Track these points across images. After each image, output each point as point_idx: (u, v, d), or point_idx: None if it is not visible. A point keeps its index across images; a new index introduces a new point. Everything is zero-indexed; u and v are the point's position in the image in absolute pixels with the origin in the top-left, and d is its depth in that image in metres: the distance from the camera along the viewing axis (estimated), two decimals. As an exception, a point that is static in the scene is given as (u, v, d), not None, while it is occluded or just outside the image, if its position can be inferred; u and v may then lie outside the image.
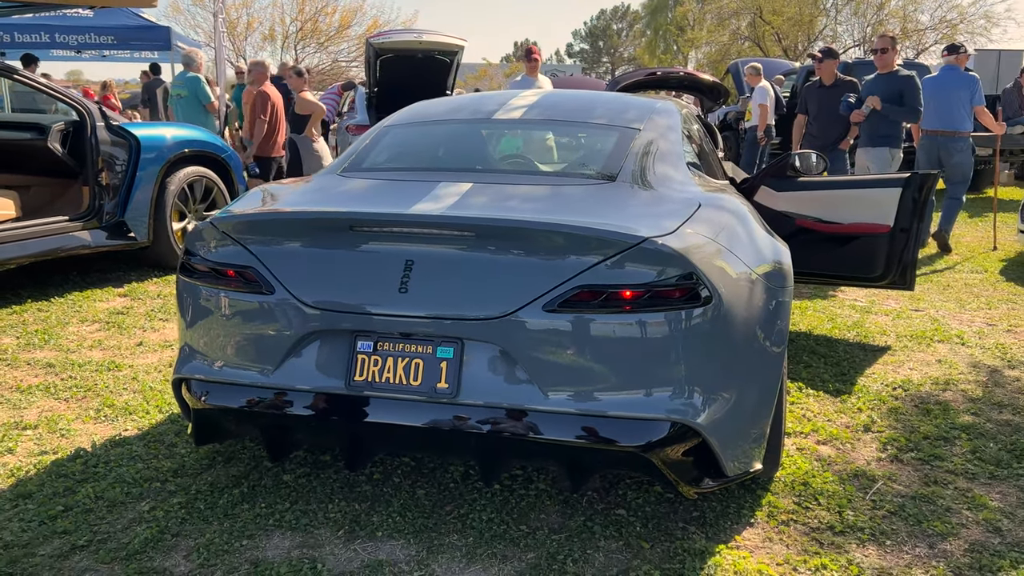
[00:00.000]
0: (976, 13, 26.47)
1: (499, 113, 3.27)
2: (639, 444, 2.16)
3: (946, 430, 3.24)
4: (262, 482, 2.72)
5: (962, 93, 6.79)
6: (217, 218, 2.46)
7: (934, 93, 6.87)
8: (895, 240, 4.18)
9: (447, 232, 2.27)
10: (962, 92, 6.79)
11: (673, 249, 2.15)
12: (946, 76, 6.99)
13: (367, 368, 2.24)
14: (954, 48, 7.28)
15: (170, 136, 5.99)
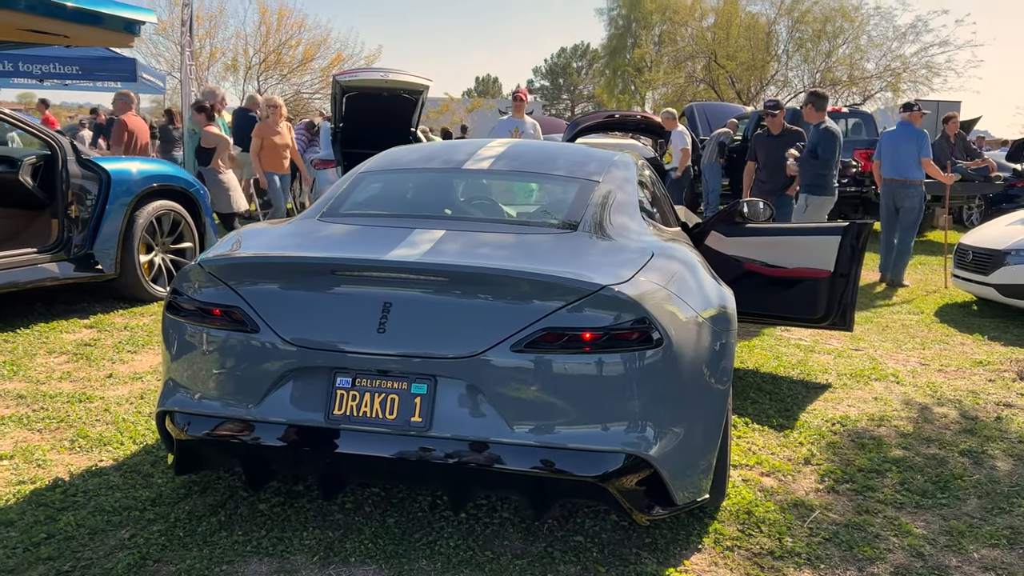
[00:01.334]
0: (918, 63, 27.65)
1: (469, 163, 3.49)
2: (596, 474, 2.36)
3: (879, 463, 3.50)
4: (238, 510, 2.85)
5: (912, 146, 7.64)
6: (205, 260, 2.62)
7: (889, 145, 7.81)
8: (835, 284, 4.48)
9: (422, 277, 2.47)
10: (912, 146, 7.65)
11: (628, 296, 2.37)
12: (900, 131, 7.85)
13: (345, 403, 2.41)
14: (908, 106, 8.08)
15: (139, 170, 6.09)
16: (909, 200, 7.77)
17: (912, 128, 7.84)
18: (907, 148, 7.70)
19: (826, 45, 28.78)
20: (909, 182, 7.73)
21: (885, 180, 7.91)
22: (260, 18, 24.68)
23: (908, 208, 7.78)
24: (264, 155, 8.57)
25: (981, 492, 3.25)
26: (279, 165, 8.61)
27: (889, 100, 28.52)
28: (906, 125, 7.88)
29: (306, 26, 25.44)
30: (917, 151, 7.65)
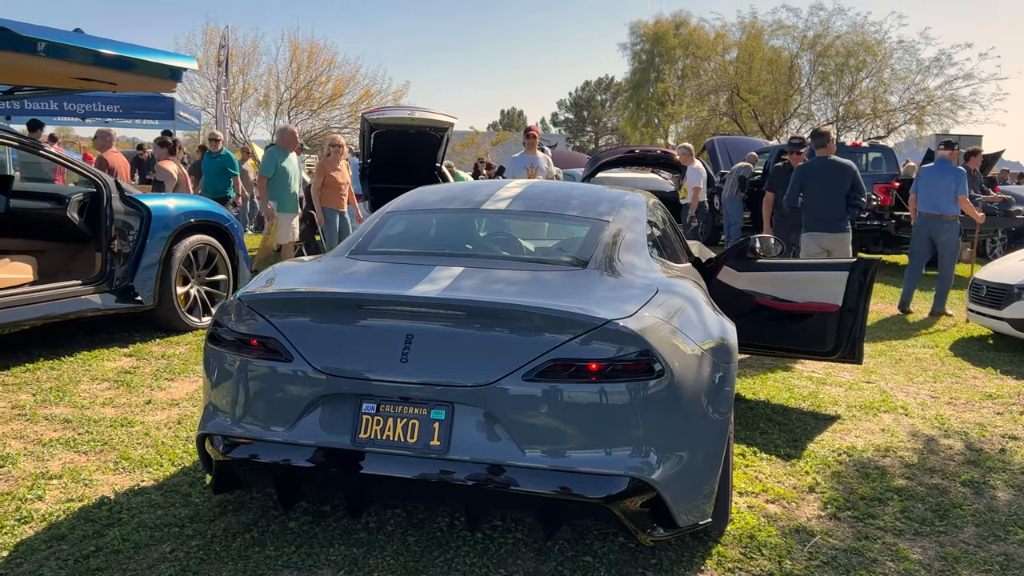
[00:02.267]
0: (942, 96, 27.74)
1: (487, 204, 3.72)
2: (602, 496, 2.54)
3: (881, 492, 3.63)
4: (270, 528, 3.06)
5: (950, 183, 8.00)
6: (244, 295, 2.87)
7: (927, 181, 8.18)
8: (844, 318, 4.63)
9: (442, 311, 2.68)
10: (950, 182, 8.00)
11: (631, 330, 2.57)
12: (938, 167, 8.22)
13: (371, 427, 2.62)
14: (949, 144, 8.42)
15: (177, 206, 6.42)
16: (945, 234, 8.09)
17: (950, 165, 8.18)
18: (944, 184, 8.05)
19: (849, 79, 28.96)
20: (945, 217, 8.06)
21: (921, 214, 8.24)
22: (291, 55, 25.38)
23: (944, 242, 8.14)
24: (324, 192, 8.79)
25: (979, 520, 3.37)
26: (338, 202, 8.79)
27: (913, 132, 28.58)
28: (944, 162, 8.23)
29: (336, 63, 26.14)
30: (954, 187, 7.99)
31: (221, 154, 10.43)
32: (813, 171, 7.11)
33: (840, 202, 6.95)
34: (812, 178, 7.10)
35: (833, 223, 6.97)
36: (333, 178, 8.76)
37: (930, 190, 8.13)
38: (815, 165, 7.14)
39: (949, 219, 8.05)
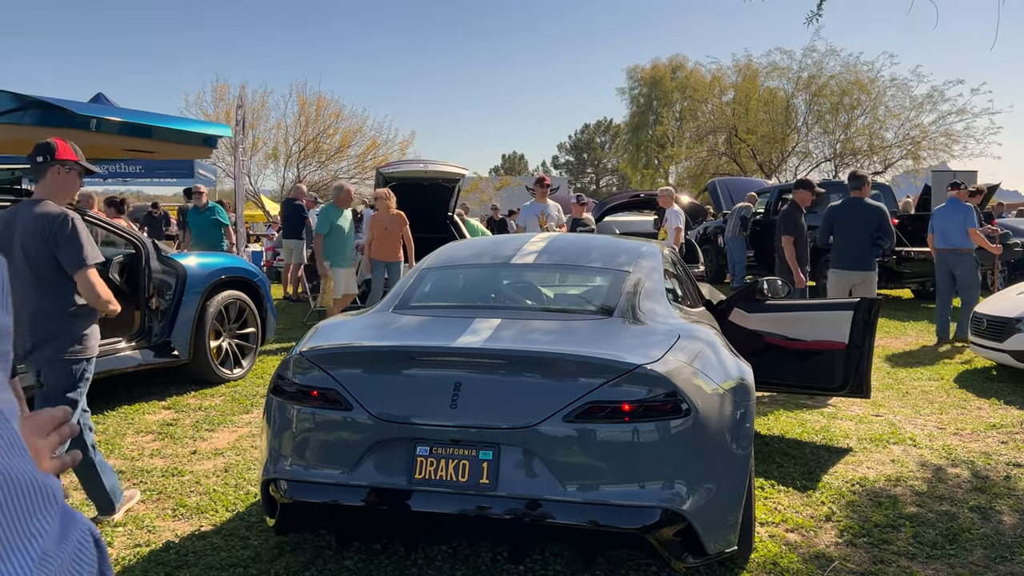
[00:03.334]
0: (937, 131, 28.29)
1: (516, 258, 4.02)
2: (638, 526, 2.78)
3: (894, 519, 3.85)
4: (327, 567, 3.29)
5: (959, 218, 8.75)
6: (305, 351, 3.15)
7: (940, 219, 8.94)
8: (851, 355, 4.89)
9: (487, 360, 2.96)
10: (959, 217, 8.75)
11: (659, 373, 2.84)
12: (949, 206, 8.94)
13: (425, 468, 2.87)
14: (955, 185, 9.11)
15: (211, 263, 6.74)
16: (962, 267, 8.73)
17: (959, 203, 8.89)
18: (955, 220, 8.77)
19: (844, 117, 29.56)
20: (959, 250, 8.73)
21: (939, 250, 8.91)
22: (300, 109, 26.04)
23: (962, 274, 8.75)
24: (375, 244, 8.90)
25: (987, 543, 3.59)
26: (388, 254, 8.90)
27: (910, 167, 29.06)
28: (954, 201, 8.93)
29: (343, 115, 26.79)
30: (964, 222, 8.70)
31: (207, 207, 10.68)
32: (845, 211, 7.39)
33: (867, 242, 7.19)
34: (843, 217, 7.37)
35: (859, 261, 7.22)
36: (383, 231, 8.86)
37: (943, 227, 8.85)
38: (848, 205, 7.40)
39: (964, 252, 8.71)
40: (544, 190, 9.68)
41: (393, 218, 8.91)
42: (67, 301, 3.48)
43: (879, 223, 7.18)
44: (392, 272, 8.92)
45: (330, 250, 8.49)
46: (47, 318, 3.46)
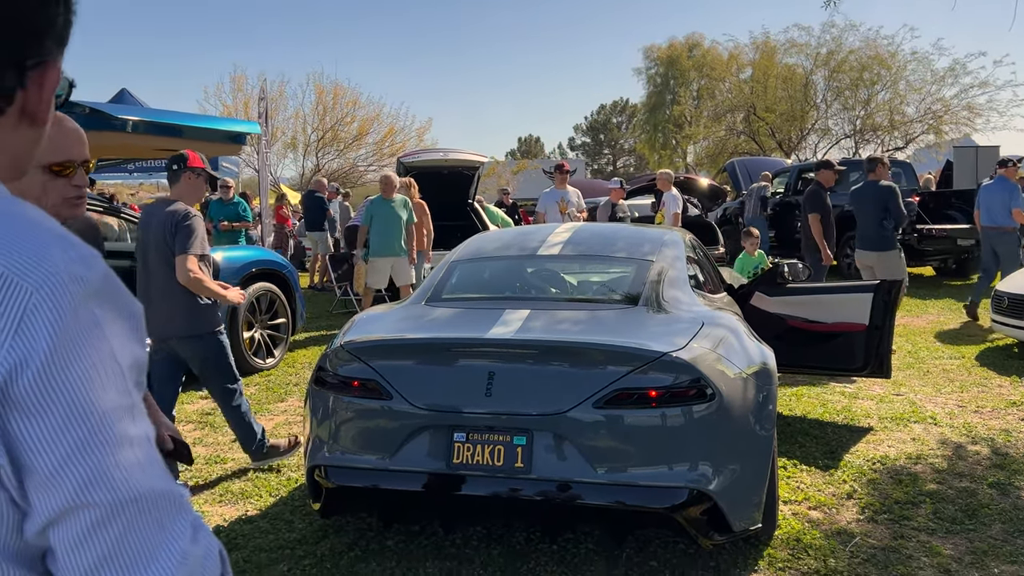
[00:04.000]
0: (959, 105, 27.92)
1: (542, 250, 4.15)
2: (666, 506, 2.92)
3: (914, 496, 3.97)
4: (370, 547, 3.47)
5: (1005, 198, 8.80)
6: (345, 343, 3.31)
7: (985, 197, 9.02)
8: (871, 336, 4.99)
9: (519, 350, 3.10)
10: (1005, 196, 8.80)
11: (685, 360, 2.97)
12: (996, 184, 9.01)
13: (462, 453, 3.03)
14: (1004, 163, 9.13)
15: (242, 257, 6.93)
16: (1004, 245, 8.80)
17: (1006, 182, 8.90)
18: (1000, 198, 8.82)
19: (864, 92, 29.23)
20: (1002, 229, 8.79)
21: (984, 228, 9.00)
22: (317, 98, 26.20)
23: (1003, 252, 8.82)
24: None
25: (1005, 518, 3.70)
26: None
27: (932, 142, 28.74)
28: (1001, 179, 8.96)
29: (360, 103, 26.93)
30: (1009, 201, 8.75)
31: (233, 200, 10.81)
32: (862, 194, 7.64)
33: (879, 223, 7.39)
34: (859, 199, 7.63)
35: (877, 242, 7.44)
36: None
37: (989, 204, 8.92)
38: (863, 188, 7.67)
39: (1007, 231, 8.77)
40: (564, 176, 9.76)
41: (415, 207, 9.04)
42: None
43: (886, 203, 7.34)
44: (419, 259, 9.04)
45: (372, 240, 8.50)
46: (177, 301, 4.01)
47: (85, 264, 0.68)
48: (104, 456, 0.66)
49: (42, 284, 0.63)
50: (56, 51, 0.75)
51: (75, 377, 0.65)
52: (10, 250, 0.64)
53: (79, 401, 0.65)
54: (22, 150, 0.78)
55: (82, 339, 0.65)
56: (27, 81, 0.73)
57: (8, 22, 0.70)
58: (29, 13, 0.71)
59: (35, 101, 0.74)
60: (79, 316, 0.65)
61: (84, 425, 0.65)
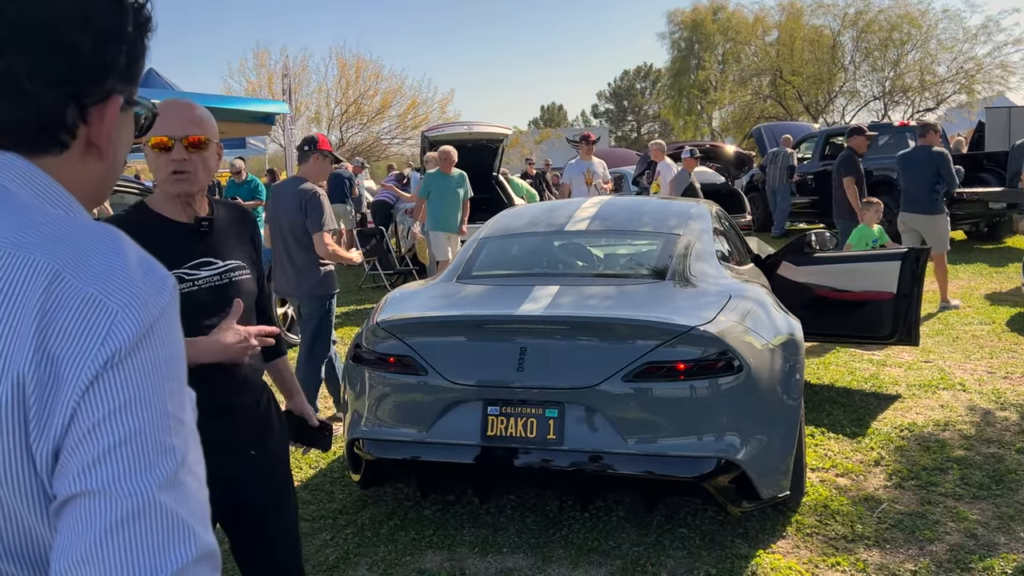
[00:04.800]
0: (992, 63, 27.27)
1: (569, 225, 4.21)
2: (696, 475, 3.01)
3: (941, 462, 4.02)
4: (408, 516, 3.60)
5: None
6: (381, 321, 3.41)
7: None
8: (899, 304, 5.00)
9: (549, 326, 3.18)
10: None
11: (712, 334, 3.03)
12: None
13: (496, 426, 3.13)
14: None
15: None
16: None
17: None
18: None
19: (894, 53, 28.63)
20: None
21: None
22: (339, 72, 26.22)
23: None
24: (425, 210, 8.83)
25: (1033, 483, 3.74)
26: None
27: (963, 101, 28.13)
28: None
29: (382, 76, 26.91)
30: None
31: (246, 181, 10.99)
32: (912, 158, 7.81)
33: (929, 187, 7.63)
34: (908, 163, 7.81)
35: (927, 205, 7.65)
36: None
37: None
38: (914, 152, 7.87)
39: None
40: (589, 147, 9.73)
41: None
42: (316, 255, 4.52)
43: (938, 168, 7.51)
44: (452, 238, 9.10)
45: (430, 214, 8.52)
46: (303, 267, 4.55)
47: (160, 285, 0.74)
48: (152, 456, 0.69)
49: (127, 303, 0.71)
50: (120, 86, 0.80)
51: (150, 383, 0.71)
52: (100, 277, 0.71)
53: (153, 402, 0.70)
54: (92, 183, 0.83)
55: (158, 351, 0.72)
56: (89, 116, 0.78)
57: (63, 64, 0.74)
58: (85, 54, 0.75)
59: (95, 135, 0.79)
60: (155, 331, 0.72)
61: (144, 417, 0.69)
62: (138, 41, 0.81)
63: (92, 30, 0.75)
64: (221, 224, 2.02)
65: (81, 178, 0.81)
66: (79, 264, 0.71)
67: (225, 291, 1.97)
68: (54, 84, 0.74)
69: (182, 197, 1.93)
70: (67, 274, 0.70)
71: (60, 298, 0.70)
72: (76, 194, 0.80)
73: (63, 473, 0.68)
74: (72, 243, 0.73)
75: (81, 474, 0.67)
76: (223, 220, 2.04)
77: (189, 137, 1.87)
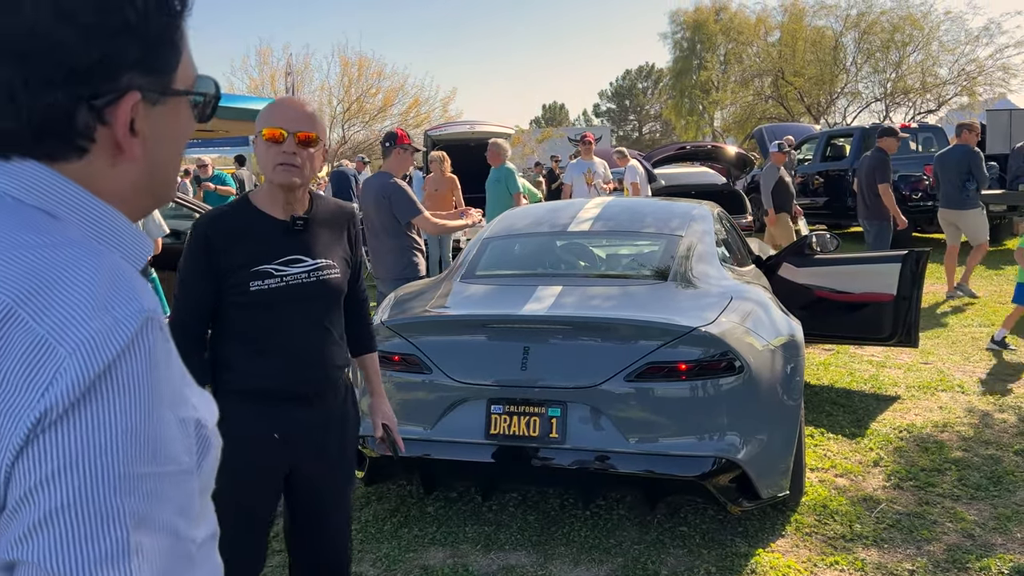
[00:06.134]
0: (993, 65, 27.29)
1: (572, 226, 4.24)
2: (696, 474, 3.04)
3: (939, 463, 4.05)
4: (411, 513, 3.64)
5: None
6: (386, 320, 3.44)
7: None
8: (899, 306, 5.03)
9: (552, 326, 3.22)
10: None
11: (714, 335, 3.07)
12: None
13: (499, 424, 3.17)
14: None
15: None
16: None
17: None
18: None
19: (896, 54, 28.65)
20: None
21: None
22: (342, 70, 26.26)
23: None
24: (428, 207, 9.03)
25: (1030, 485, 3.77)
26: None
27: (964, 103, 28.15)
28: None
29: (384, 74, 26.94)
30: None
31: (213, 175, 11.16)
32: (948, 157, 8.32)
33: (961, 184, 8.17)
34: (946, 162, 8.31)
35: (959, 201, 8.22)
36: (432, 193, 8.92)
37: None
38: (951, 152, 8.39)
39: None
40: (589, 147, 9.76)
41: (445, 181, 9.12)
42: (402, 241, 4.78)
43: (970, 166, 8.09)
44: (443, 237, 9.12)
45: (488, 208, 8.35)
46: (390, 253, 4.81)
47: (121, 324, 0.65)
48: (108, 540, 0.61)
49: (76, 348, 0.63)
50: (138, 79, 0.73)
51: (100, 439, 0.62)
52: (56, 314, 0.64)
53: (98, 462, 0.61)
54: (128, 185, 0.77)
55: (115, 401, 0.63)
56: (106, 117, 0.72)
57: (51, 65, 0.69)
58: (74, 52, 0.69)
59: (120, 135, 0.73)
60: (112, 377, 0.63)
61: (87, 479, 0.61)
62: (161, 25, 0.74)
63: (75, 25, 0.69)
64: (318, 222, 2.10)
65: (116, 181, 0.76)
66: (40, 299, 0.64)
67: (312, 288, 2.06)
68: (47, 87, 0.69)
69: (284, 189, 2.00)
70: (22, 311, 0.63)
71: (10, 339, 0.62)
72: (116, 197, 0.76)
73: (5, 536, 0.61)
74: (40, 273, 0.66)
75: (18, 542, 0.61)
76: (321, 218, 2.12)
77: (302, 132, 1.94)
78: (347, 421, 2.24)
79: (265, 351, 2.04)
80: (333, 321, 2.15)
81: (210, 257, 1.98)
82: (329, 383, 2.14)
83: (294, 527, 2.22)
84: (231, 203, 2.10)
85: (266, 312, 2.02)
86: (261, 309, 2.01)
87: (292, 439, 2.08)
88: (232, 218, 2.04)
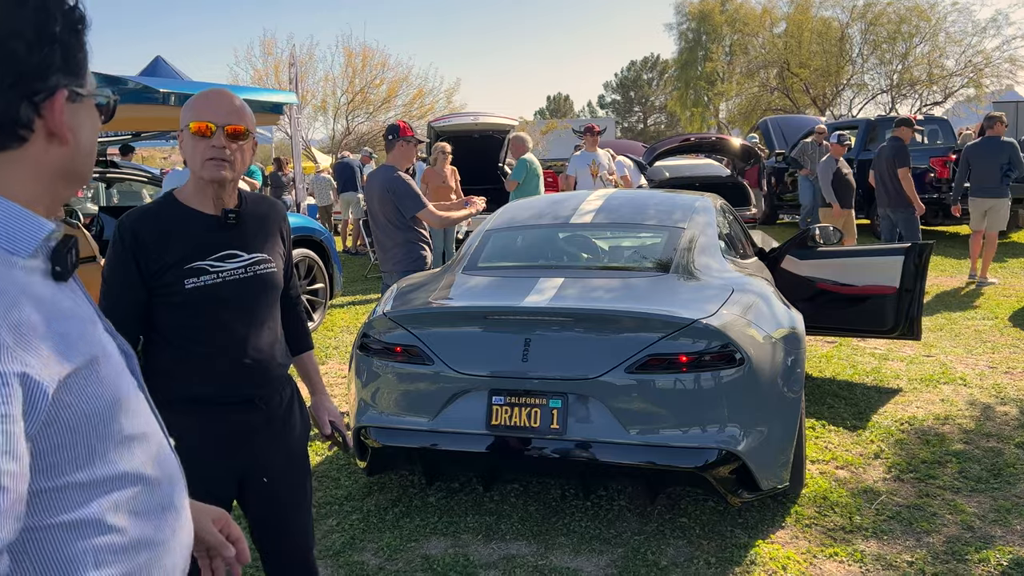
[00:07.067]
0: (1000, 57, 27.12)
1: (574, 218, 4.25)
2: (696, 466, 3.06)
3: (940, 455, 4.06)
4: (413, 503, 3.66)
5: None
6: (388, 312, 3.46)
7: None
8: (901, 299, 5.03)
9: (553, 318, 3.23)
10: None
11: (715, 327, 3.07)
12: None
13: (500, 415, 3.18)
14: None
15: (280, 224, 7.11)
16: None
17: None
18: None
19: (902, 46, 28.48)
20: None
21: None
22: (346, 61, 26.20)
23: None
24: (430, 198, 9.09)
25: (1030, 477, 3.78)
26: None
27: (971, 95, 28.00)
28: None
29: (388, 65, 26.86)
30: None
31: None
32: (982, 148, 8.60)
33: (998, 173, 8.46)
34: (979, 152, 8.60)
35: (994, 189, 8.52)
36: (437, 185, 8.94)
37: None
38: (985, 143, 8.63)
39: None
40: (594, 138, 9.73)
41: (446, 173, 9.16)
42: (408, 234, 4.76)
43: (1009, 156, 8.39)
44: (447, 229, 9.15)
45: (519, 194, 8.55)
46: (397, 247, 4.78)
47: None
48: None
49: None
50: (63, 79, 0.91)
51: None
52: None
53: None
54: (60, 166, 0.94)
55: None
56: (42, 110, 0.89)
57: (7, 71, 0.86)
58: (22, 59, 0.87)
59: (52, 124, 0.91)
60: None
61: None
62: (72, 39, 0.92)
63: (23, 39, 0.86)
64: (249, 217, 2.02)
65: (49, 163, 0.93)
66: None
67: (250, 284, 1.99)
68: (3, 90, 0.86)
69: (215, 185, 1.92)
70: None
71: None
72: (47, 176, 0.93)
73: None
74: None
75: None
76: (251, 213, 2.03)
77: (231, 126, 1.88)
78: (293, 419, 2.15)
79: (205, 353, 1.95)
80: (273, 318, 2.07)
81: (139, 257, 1.89)
82: (273, 382, 2.06)
83: (255, 534, 2.14)
84: (156, 201, 2.01)
85: (204, 311, 1.93)
86: (198, 308, 1.93)
87: (235, 441, 2.00)
88: (159, 216, 1.94)
